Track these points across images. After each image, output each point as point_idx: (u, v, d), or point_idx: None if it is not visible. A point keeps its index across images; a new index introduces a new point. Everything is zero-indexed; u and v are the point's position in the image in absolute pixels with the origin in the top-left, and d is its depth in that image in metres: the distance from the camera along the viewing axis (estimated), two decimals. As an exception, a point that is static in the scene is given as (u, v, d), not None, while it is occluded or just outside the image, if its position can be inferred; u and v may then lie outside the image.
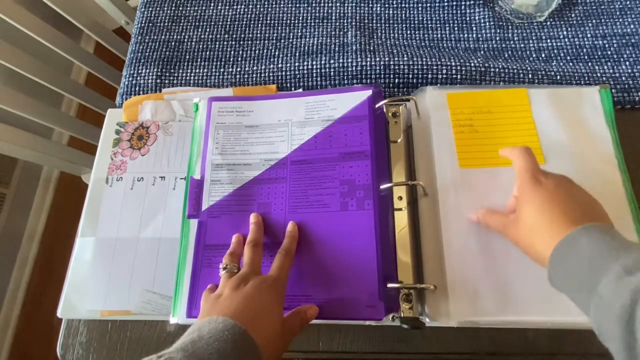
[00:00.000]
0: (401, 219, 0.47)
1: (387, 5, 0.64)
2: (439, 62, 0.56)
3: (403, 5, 0.64)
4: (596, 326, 0.30)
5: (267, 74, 0.60)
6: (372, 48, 0.60)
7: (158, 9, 0.67)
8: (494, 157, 0.47)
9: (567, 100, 0.51)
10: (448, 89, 0.53)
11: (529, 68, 0.56)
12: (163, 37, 0.65)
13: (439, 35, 0.62)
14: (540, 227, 0.36)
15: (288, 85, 0.59)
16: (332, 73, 0.58)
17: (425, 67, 0.56)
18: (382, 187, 0.47)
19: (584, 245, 0.32)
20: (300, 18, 0.65)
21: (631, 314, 0.27)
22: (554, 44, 0.59)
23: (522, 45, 0.60)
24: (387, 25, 0.63)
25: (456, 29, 0.62)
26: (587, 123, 0.49)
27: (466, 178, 0.48)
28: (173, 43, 0.64)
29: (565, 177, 0.39)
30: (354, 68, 0.58)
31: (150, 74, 0.61)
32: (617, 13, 0.60)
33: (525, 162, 0.40)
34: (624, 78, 0.55)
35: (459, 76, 0.56)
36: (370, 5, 0.64)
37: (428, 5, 0.64)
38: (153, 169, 0.54)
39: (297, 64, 0.59)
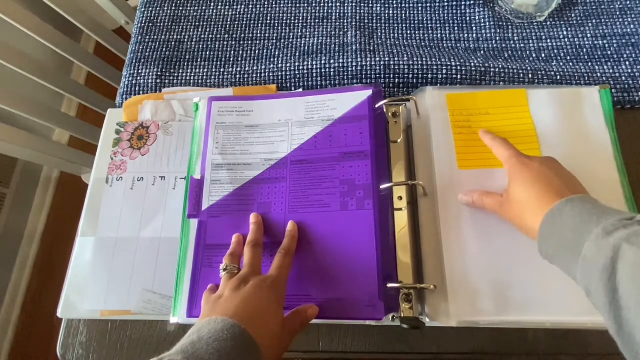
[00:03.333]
0: (401, 219, 0.47)
1: (387, 5, 0.64)
2: (439, 62, 0.56)
3: (403, 5, 0.64)
4: (584, 286, 0.32)
5: (267, 74, 0.60)
6: (372, 48, 0.60)
7: (158, 9, 0.67)
8: (492, 159, 0.47)
9: (567, 100, 0.51)
10: (448, 90, 0.53)
11: (529, 68, 0.56)
12: (163, 37, 0.65)
13: (439, 35, 0.62)
14: (528, 202, 0.39)
15: (288, 85, 0.59)
16: (332, 73, 0.58)
17: (425, 67, 0.56)
18: (382, 187, 0.47)
19: (568, 214, 0.35)
20: (300, 18, 0.65)
21: (613, 268, 0.29)
22: (554, 44, 0.59)
23: (522, 45, 0.60)
24: (387, 25, 0.63)
25: (456, 29, 0.62)
26: (587, 123, 0.49)
27: (465, 179, 0.48)
28: (173, 43, 0.64)
29: (548, 157, 0.43)
30: (354, 68, 0.58)
31: (151, 74, 0.61)
32: (617, 13, 0.60)
33: (508, 150, 0.44)
34: (624, 78, 0.55)
35: (459, 76, 0.56)
36: (370, 5, 0.64)
37: (428, 5, 0.64)
38: (153, 168, 0.54)
39: (297, 64, 0.59)
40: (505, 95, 0.51)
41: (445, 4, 0.63)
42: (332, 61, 0.58)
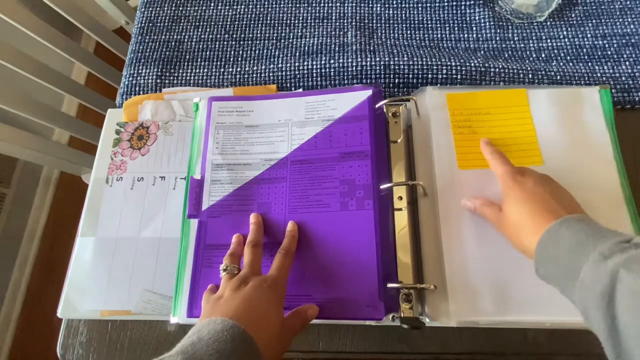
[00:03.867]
0: (401, 219, 0.47)
1: (387, 5, 0.64)
2: (439, 62, 0.56)
3: (403, 5, 0.64)
4: (582, 310, 0.32)
5: (267, 74, 0.60)
6: (372, 48, 0.60)
7: (158, 9, 0.67)
8: None
9: (567, 100, 0.51)
10: (448, 89, 0.53)
11: (529, 68, 0.56)
12: (163, 37, 0.65)
13: (439, 35, 0.62)
14: (523, 221, 0.39)
15: (288, 85, 0.59)
16: (332, 73, 0.58)
17: (425, 67, 0.56)
18: (382, 187, 0.47)
19: (563, 235, 0.35)
20: (300, 18, 0.65)
21: (611, 295, 0.29)
22: (554, 44, 0.59)
23: (522, 45, 0.60)
24: (387, 25, 0.63)
25: (456, 29, 0.62)
26: (587, 124, 0.49)
27: (465, 179, 0.48)
28: (173, 43, 0.64)
29: (542, 174, 0.42)
30: (354, 68, 0.58)
31: (151, 74, 0.61)
32: (617, 13, 0.60)
33: (503, 165, 0.44)
34: (624, 78, 0.55)
35: (459, 76, 0.56)
36: (370, 5, 0.64)
37: (428, 5, 0.64)
38: (153, 168, 0.54)
39: (297, 64, 0.59)
40: (506, 95, 0.51)
41: (445, 4, 0.63)
42: (332, 61, 0.58)
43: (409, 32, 0.62)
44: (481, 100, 0.51)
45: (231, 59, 0.62)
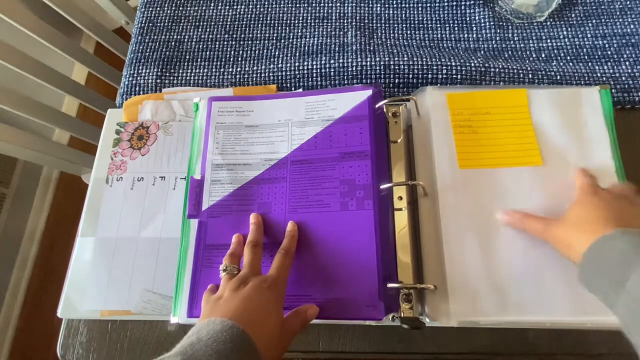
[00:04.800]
0: (401, 219, 0.47)
1: (387, 5, 0.64)
2: (439, 62, 0.56)
3: (403, 5, 0.64)
4: (623, 321, 0.32)
5: (267, 74, 0.60)
6: (372, 48, 0.60)
7: (158, 9, 0.67)
8: (493, 158, 0.48)
9: (567, 100, 0.51)
10: (448, 89, 0.53)
11: (529, 68, 0.56)
12: (163, 37, 0.65)
13: (439, 35, 0.62)
14: (582, 224, 0.38)
15: (288, 85, 0.59)
16: (332, 73, 0.58)
17: (425, 67, 0.56)
18: (382, 187, 0.47)
19: (617, 244, 0.34)
20: (300, 18, 0.65)
21: None
22: (554, 44, 0.59)
23: (522, 45, 0.60)
24: (387, 25, 0.63)
25: (456, 29, 0.62)
26: (586, 124, 0.49)
27: (466, 178, 0.48)
28: (173, 43, 0.64)
29: (626, 191, 0.42)
30: (354, 68, 0.58)
31: (150, 74, 0.61)
32: (617, 13, 0.60)
33: (586, 178, 0.44)
34: (624, 78, 0.55)
35: (459, 76, 0.56)
36: (370, 5, 0.64)
37: (428, 5, 0.64)
38: (153, 169, 0.54)
39: (297, 64, 0.59)
40: (506, 95, 0.51)
41: (445, 4, 0.63)
42: (332, 61, 0.58)
43: (409, 32, 0.62)
44: (481, 100, 0.51)
45: (231, 59, 0.62)
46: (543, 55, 0.59)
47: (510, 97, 0.51)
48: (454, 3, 0.63)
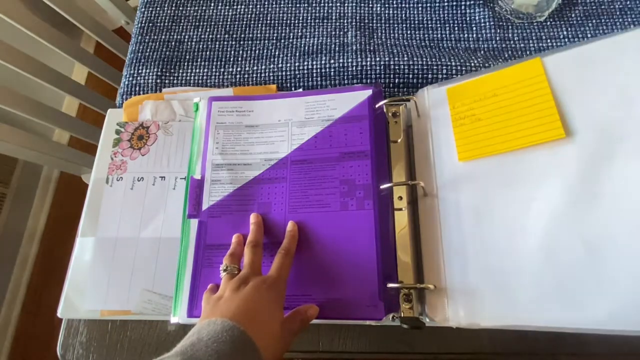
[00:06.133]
0: (401, 219, 0.47)
1: (387, 5, 0.64)
2: (439, 62, 0.56)
3: (403, 5, 0.64)
4: None
5: (267, 74, 0.60)
6: (372, 48, 0.60)
7: (158, 9, 0.67)
8: (499, 143, 0.45)
9: (601, 56, 0.44)
10: (448, 83, 0.51)
11: (529, 68, 0.56)
12: (163, 37, 0.65)
13: (439, 35, 0.62)
14: None
15: (288, 85, 0.59)
16: (332, 73, 0.58)
17: (425, 67, 0.56)
18: (382, 187, 0.47)
19: None
20: (300, 18, 0.65)
21: None
22: (554, 44, 0.59)
23: (522, 45, 0.60)
24: (387, 25, 0.63)
25: (456, 29, 0.62)
26: (628, 78, 0.41)
27: (467, 171, 0.47)
28: (173, 43, 0.64)
29: None
30: (354, 68, 0.58)
31: (151, 74, 0.61)
32: (617, 13, 0.60)
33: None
34: (624, 78, 0.55)
35: (458, 76, 0.56)
36: (370, 5, 0.64)
37: (428, 5, 0.64)
38: (153, 168, 0.54)
39: (297, 64, 0.59)
40: (516, 70, 0.48)
41: (445, 4, 0.63)
42: (332, 61, 0.58)
43: (409, 32, 0.62)
44: (486, 84, 0.49)
45: (231, 59, 0.62)
46: (543, 55, 0.59)
47: (522, 71, 0.47)
48: (454, 3, 0.63)
